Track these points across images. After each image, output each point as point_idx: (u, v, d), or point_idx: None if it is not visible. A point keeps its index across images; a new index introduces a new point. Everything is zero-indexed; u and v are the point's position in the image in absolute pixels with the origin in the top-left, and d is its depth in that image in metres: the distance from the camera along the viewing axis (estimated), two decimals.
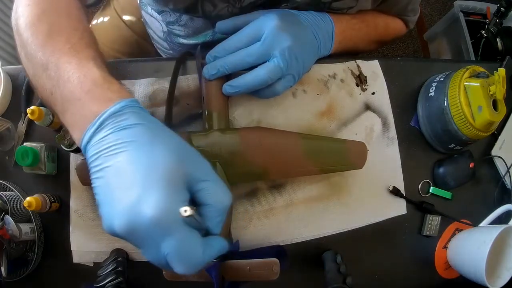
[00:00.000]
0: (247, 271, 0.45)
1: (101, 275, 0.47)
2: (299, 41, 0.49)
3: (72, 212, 0.53)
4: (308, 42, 0.51)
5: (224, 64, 0.48)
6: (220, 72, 0.49)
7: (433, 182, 0.62)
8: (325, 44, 0.54)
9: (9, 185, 0.53)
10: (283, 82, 0.49)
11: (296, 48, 0.48)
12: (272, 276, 0.44)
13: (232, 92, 0.49)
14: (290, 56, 0.47)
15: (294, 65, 0.48)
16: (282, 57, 0.47)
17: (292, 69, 0.48)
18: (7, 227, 0.48)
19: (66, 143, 0.50)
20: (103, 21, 0.79)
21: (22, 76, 0.58)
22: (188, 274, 0.31)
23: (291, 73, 0.49)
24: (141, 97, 0.56)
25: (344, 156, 0.51)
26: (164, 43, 0.67)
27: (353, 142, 0.51)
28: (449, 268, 0.61)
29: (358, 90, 0.61)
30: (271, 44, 0.47)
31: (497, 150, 0.65)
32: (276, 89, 0.49)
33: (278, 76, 0.48)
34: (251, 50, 0.47)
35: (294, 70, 0.49)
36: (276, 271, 0.44)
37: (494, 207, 0.62)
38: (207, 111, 0.51)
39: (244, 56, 0.48)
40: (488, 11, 1.42)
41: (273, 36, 0.47)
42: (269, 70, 0.47)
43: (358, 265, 0.57)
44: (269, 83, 0.48)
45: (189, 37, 0.61)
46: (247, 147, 0.48)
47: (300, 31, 0.50)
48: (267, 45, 0.47)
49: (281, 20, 0.47)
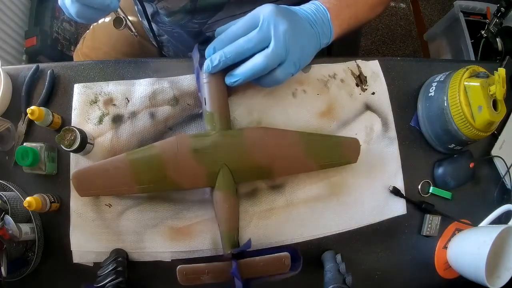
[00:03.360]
0: (260, 267, 0.47)
1: (101, 275, 0.48)
2: (296, 27, 0.48)
3: (72, 212, 0.53)
4: (305, 29, 0.50)
5: (224, 53, 0.48)
6: (222, 62, 0.48)
7: (433, 182, 0.62)
8: (324, 32, 0.52)
9: (9, 185, 0.53)
10: (283, 69, 0.48)
11: (294, 33, 0.47)
12: (283, 269, 0.46)
13: (233, 81, 0.49)
14: (287, 40, 0.46)
15: (293, 50, 0.47)
16: (279, 41, 0.46)
17: (292, 54, 0.48)
18: (7, 227, 0.48)
19: (66, 143, 0.50)
20: (104, 21, 0.80)
21: (22, 76, 0.58)
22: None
23: (292, 60, 0.48)
24: (141, 97, 0.56)
25: (340, 152, 0.53)
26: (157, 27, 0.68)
27: (347, 139, 0.54)
28: (449, 268, 0.61)
29: (358, 90, 0.61)
30: (268, 29, 0.46)
31: (497, 150, 0.65)
32: (277, 76, 0.49)
33: (277, 62, 0.47)
34: (249, 36, 0.47)
35: (294, 56, 0.48)
36: (288, 263, 0.45)
37: (494, 207, 0.62)
38: (209, 112, 0.51)
39: (243, 43, 0.47)
40: (488, 11, 1.42)
41: (269, 21, 0.46)
42: (267, 55, 0.46)
43: (358, 265, 0.57)
44: (269, 69, 0.47)
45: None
46: (252, 147, 0.49)
47: (296, 20, 0.49)
48: (265, 30, 0.46)
49: (276, 7, 0.47)
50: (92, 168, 0.49)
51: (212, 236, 0.54)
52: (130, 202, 0.54)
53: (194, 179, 0.49)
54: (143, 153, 0.49)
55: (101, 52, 0.78)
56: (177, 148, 0.48)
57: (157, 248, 0.53)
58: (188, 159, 0.48)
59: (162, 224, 0.54)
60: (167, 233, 0.53)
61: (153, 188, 0.49)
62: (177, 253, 0.53)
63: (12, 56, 1.22)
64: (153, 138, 0.55)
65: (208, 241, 0.53)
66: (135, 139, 0.55)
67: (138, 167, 0.48)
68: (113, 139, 0.54)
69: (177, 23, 0.62)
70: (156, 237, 0.53)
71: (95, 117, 0.55)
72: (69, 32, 1.44)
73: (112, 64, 0.59)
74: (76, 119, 0.55)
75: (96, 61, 0.60)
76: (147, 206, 0.54)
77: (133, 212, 0.54)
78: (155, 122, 0.55)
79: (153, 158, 0.48)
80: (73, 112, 0.56)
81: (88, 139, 0.52)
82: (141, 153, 0.49)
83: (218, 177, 0.49)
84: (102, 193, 0.51)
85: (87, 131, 0.53)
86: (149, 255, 0.53)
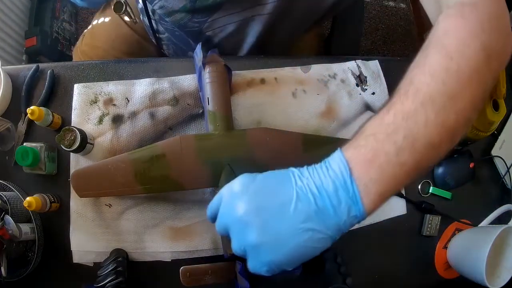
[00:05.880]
0: None
1: (101, 275, 0.48)
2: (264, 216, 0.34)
3: (72, 212, 0.53)
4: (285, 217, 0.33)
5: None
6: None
7: (433, 182, 0.62)
8: (341, 204, 0.32)
9: (9, 185, 0.53)
10: (249, 262, 0.36)
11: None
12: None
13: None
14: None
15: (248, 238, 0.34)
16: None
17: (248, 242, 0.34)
18: (7, 227, 0.48)
19: (66, 143, 0.50)
20: (104, 21, 0.79)
21: (22, 76, 0.58)
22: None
23: (253, 252, 0.34)
24: (141, 97, 0.56)
25: None
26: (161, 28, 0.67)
27: (346, 140, 0.52)
28: (449, 268, 0.61)
29: (358, 90, 0.61)
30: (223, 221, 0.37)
31: (497, 150, 0.65)
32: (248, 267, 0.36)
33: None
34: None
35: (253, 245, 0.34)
36: None
37: (494, 207, 0.62)
38: (212, 112, 0.50)
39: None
40: None
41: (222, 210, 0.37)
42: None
43: (358, 265, 0.57)
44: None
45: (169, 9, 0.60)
46: (254, 147, 0.49)
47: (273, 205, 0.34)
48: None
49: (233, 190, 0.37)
50: (92, 168, 0.49)
51: (212, 236, 0.54)
52: (130, 202, 0.54)
53: (197, 179, 0.49)
54: (146, 153, 0.48)
55: (100, 50, 0.78)
56: (181, 148, 0.48)
57: (157, 248, 0.53)
58: (192, 159, 0.48)
59: (162, 224, 0.54)
60: (167, 233, 0.53)
61: (156, 188, 0.49)
62: (177, 253, 0.53)
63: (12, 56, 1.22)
64: (153, 138, 0.55)
65: (208, 241, 0.53)
66: (135, 139, 0.55)
67: (140, 167, 0.48)
68: (113, 139, 0.54)
69: (177, 23, 0.62)
70: (156, 237, 0.53)
71: (95, 117, 0.55)
72: (69, 32, 1.44)
73: (112, 64, 0.59)
74: (76, 119, 0.55)
75: (96, 61, 0.60)
76: (147, 206, 0.54)
77: (133, 212, 0.54)
78: (155, 122, 0.55)
79: (157, 158, 0.48)
80: (73, 112, 0.56)
81: (88, 139, 0.52)
82: (143, 153, 0.48)
83: (221, 177, 0.49)
84: (101, 194, 0.50)
85: (87, 131, 0.53)
86: (149, 255, 0.53)
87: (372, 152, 0.33)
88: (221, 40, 0.65)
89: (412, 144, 0.32)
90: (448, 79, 0.33)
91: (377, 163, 0.32)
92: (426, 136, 0.32)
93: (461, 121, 0.34)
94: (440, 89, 0.33)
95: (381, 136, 0.33)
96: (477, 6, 0.37)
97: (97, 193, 0.50)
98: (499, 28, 0.36)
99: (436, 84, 0.33)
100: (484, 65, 0.34)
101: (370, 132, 0.34)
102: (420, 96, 0.33)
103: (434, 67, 0.34)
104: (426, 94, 0.33)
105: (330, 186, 0.33)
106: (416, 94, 0.33)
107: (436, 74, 0.34)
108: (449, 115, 0.33)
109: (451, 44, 0.35)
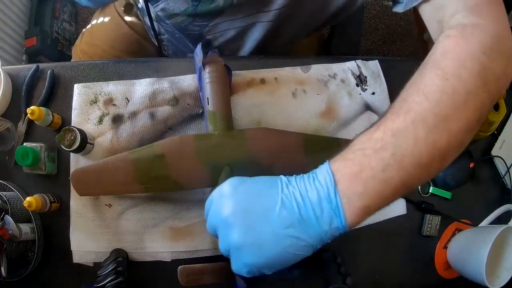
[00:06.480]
0: None
1: (101, 275, 0.47)
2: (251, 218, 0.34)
3: (72, 212, 0.53)
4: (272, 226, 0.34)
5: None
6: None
7: (433, 182, 0.62)
8: (323, 215, 0.33)
9: (9, 185, 0.53)
10: (232, 261, 0.37)
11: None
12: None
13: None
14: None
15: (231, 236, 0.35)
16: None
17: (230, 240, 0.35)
18: (7, 227, 0.48)
19: (66, 143, 0.50)
20: (104, 20, 0.79)
21: (22, 76, 0.58)
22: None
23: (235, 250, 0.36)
24: (141, 97, 0.56)
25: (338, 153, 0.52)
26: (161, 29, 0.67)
27: (345, 140, 0.53)
28: (449, 268, 0.61)
29: (358, 90, 0.61)
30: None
31: (497, 150, 0.65)
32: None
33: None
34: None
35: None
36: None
37: (494, 207, 0.62)
38: (211, 112, 0.50)
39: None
40: None
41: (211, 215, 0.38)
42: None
43: (358, 265, 0.57)
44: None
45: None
46: (254, 147, 0.49)
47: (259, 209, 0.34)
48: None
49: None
50: (92, 167, 0.49)
51: (212, 236, 0.53)
52: (130, 202, 0.54)
53: (197, 179, 0.49)
54: (146, 152, 0.48)
55: (99, 49, 0.78)
56: (181, 148, 0.48)
57: (157, 248, 0.53)
58: (192, 159, 0.48)
59: (162, 224, 0.54)
60: (167, 233, 0.53)
61: (155, 188, 0.49)
62: (177, 253, 0.53)
63: (12, 56, 1.22)
64: (153, 138, 0.55)
65: (208, 241, 0.53)
66: (135, 139, 0.55)
67: (140, 166, 0.48)
68: (113, 139, 0.54)
69: (177, 26, 0.62)
70: (156, 237, 0.53)
71: (95, 117, 0.55)
72: (69, 32, 1.44)
73: (112, 64, 0.59)
74: (76, 119, 0.55)
75: (96, 61, 0.60)
76: (147, 206, 0.54)
77: (133, 212, 0.54)
78: (155, 122, 0.55)
79: (156, 158, 0.48)
80: (73, 112, 0.56)
81: (88, 139, 0.52)
82: (144, 152, 0.48)
83: (220, 177, 0.49)
84: (101, 193, 0.51)
85: (87, 131, 0.53)
86: (149, 255, 0.53)
87: (358, 167, 0.33)
88: (221, 44, 0.65)
89: (400, 161, 0.32)
90: (443, 100, 0.33)
91: (362, 177, 0.33)
92: (415, 155, 0.33)
93: (453, 143, 0.34)
94: (433, 109, 0.33)
95: (369, 152, 0.33)
96: (479, 27, 0.36)
97: (97, 191, 0.50)
98: (500, 51, 0.36)
99: (430, 104, 0.33)
100: (481, 88, 0.34)
101: (359, 147, 0.34)
102: (412, 115, 0.33)
103: (429, 87, 0.34)
104: (418, 113, 0.33)
105: (314, 196, 0.33)
106: (408, 112, 0.34)
107: (430, 95, 0.34)
108: (441, 135, 0.33)
109: (448, 65, 0.35)
